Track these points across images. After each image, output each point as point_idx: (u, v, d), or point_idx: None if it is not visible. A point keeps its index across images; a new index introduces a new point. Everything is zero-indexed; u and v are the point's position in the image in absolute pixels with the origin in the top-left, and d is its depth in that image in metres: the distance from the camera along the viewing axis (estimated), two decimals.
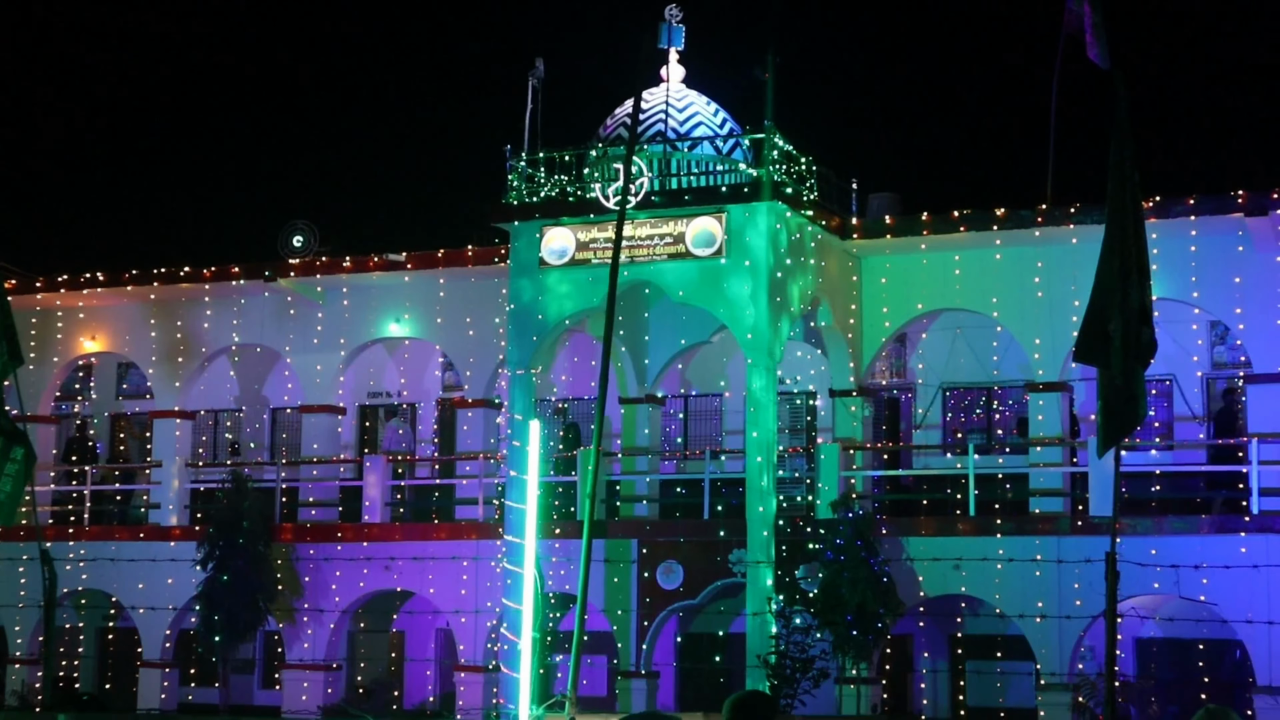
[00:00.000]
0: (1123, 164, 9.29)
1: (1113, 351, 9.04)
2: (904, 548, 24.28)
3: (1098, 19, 24.26)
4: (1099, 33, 24.16)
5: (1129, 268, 9.07)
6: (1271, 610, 22.14)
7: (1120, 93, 9.66)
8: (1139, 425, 9.34)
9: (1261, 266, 24.08)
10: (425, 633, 29.64)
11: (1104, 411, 9.16)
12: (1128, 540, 22.83)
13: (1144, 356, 9.07)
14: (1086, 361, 9.33)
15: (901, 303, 26.36)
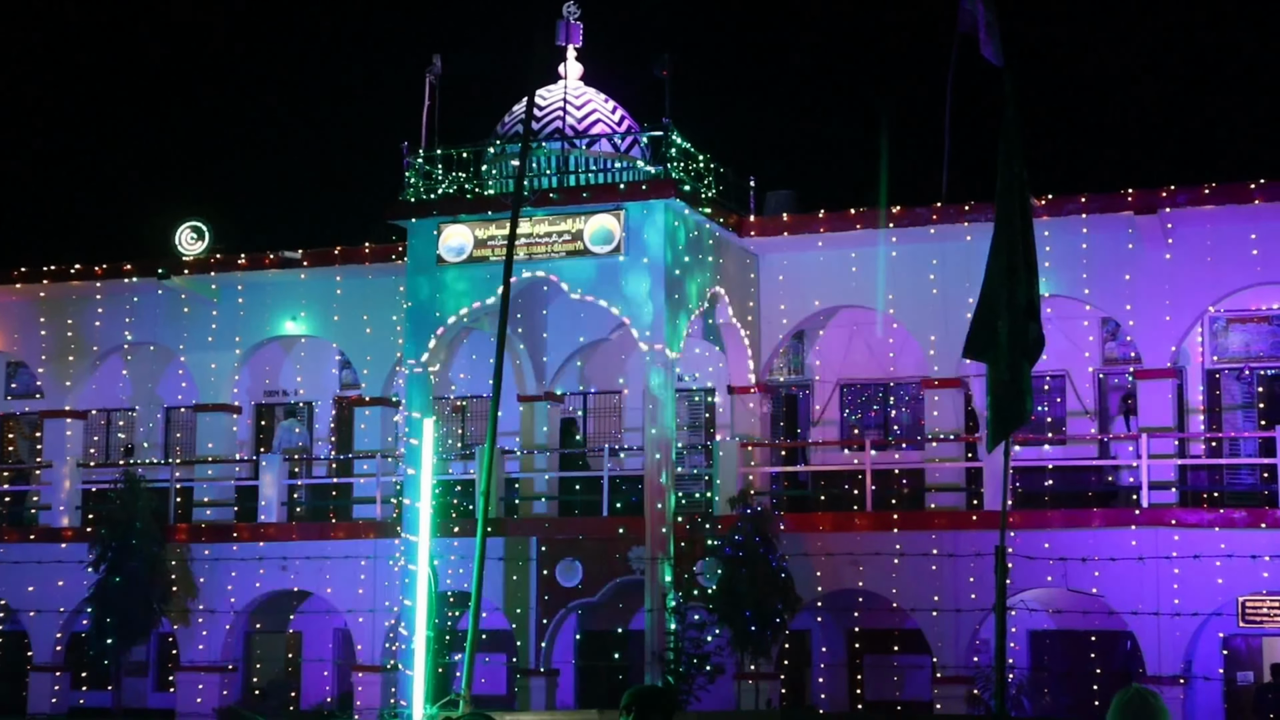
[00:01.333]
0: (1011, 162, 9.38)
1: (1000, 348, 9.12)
2: (802, 543, 24.42)
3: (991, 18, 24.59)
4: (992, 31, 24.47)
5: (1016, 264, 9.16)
6: (1160, 601, 22.51)
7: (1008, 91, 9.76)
8: (1026, 421, 9.44)
9: (1151, 264, 24.45)
10: (323, 633, 29.41)
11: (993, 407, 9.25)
12: (1021, 534, 23.13)
13: (1031, 353, 9.16)
14: (975, 358, 9.41)
15: (799, 300, 26.50)
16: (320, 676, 29.56)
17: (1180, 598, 22.57)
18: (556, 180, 25.26)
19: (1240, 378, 26.28)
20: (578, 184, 25.08)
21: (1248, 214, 23.68)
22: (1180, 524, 22.98)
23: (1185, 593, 22.62)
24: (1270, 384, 26.18)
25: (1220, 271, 24.18)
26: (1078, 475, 26.12)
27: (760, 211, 26.79)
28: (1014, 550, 22.54)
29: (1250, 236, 23.97)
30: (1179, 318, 24.33)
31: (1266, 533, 22.46)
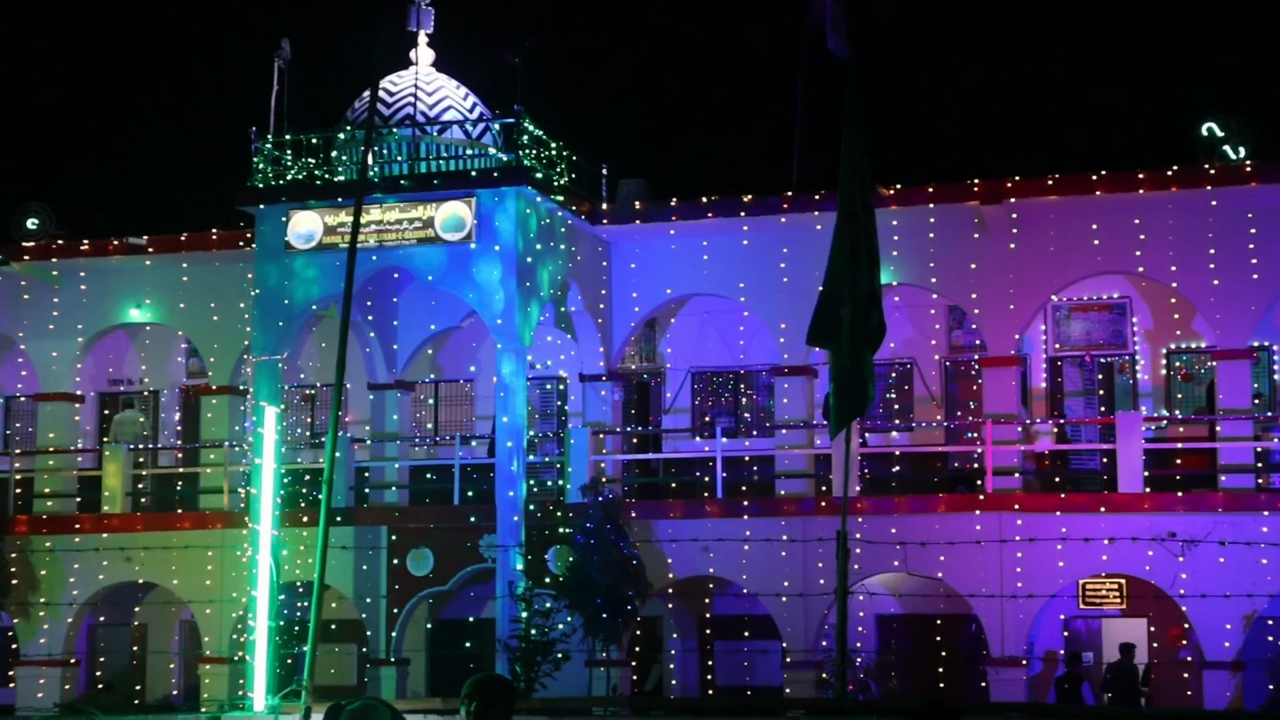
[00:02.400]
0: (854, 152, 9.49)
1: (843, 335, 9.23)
2: (653, 531, 24.52)
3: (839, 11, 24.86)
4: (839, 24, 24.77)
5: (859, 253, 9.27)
6: (1004, 584, 22.92)
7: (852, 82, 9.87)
8: (868, 407, 9.56)
9: (996, 253, 24.85)
10: (169, 625, 28.95)
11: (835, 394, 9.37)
12: (869, 520, 23.43)
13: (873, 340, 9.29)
14: (818, 345, 9.53)
15: (651, 288, 26.57)
16: (166, 669, 29.09)
17: (1023, 581, 23.00)
18: (408, 167, 25.06)
19: (1082, 365, 26.84)
20: (429, 171, 24.91)
21: (1089, 205, 24.16)
22: (1023, 508, 23.42)
23: (1028, 576, 23.06)
24: (1110, 371, 26.78)
25: (1063, 261, 24.65)
26: (925, 461, 26.52)
27: (613, 200, 26.81)
28: (862, 536, 22.85)
29: (1092, 227, 24.46)
30: (1023, 306, 24.77)
31: (1106, 516, 22.96)
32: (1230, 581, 21.89)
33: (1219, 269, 23.95)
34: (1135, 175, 23.78)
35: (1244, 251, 23.86)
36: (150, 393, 30.34)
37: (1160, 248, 24.23)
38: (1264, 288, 23.83)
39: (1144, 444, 23.76)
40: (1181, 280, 24.22)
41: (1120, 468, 23.49)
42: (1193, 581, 22.25)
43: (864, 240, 9.25)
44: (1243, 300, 23.84)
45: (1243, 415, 23.85)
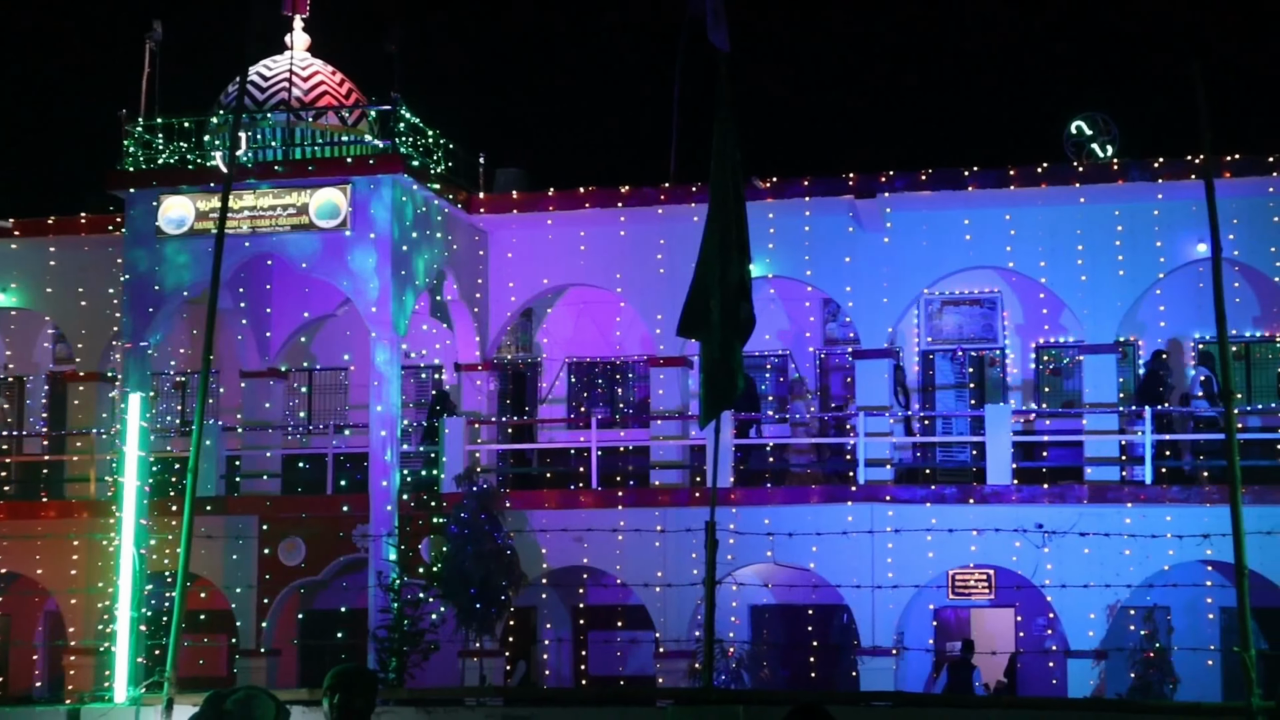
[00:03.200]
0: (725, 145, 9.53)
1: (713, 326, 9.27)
2: (528, 521, 24.49)
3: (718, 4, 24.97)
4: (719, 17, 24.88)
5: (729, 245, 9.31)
6: (875, 575, 23.15)
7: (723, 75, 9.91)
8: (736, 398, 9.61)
9: (870, 246, 25.10)
10: (33, 616, 28.43)
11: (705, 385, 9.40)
12: (742, 510, 23.57)
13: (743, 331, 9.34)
14: (688, 335, 9.56)
15: (528, 277, 26.52)
16: (30, 660, 28.56)
17: (894, 571, 23.26)
18: (281, 153, 24.79)
19: (953, 358, 27.20)
20: (303, 157, 24.67)
21: (962, 199, 24.47)
22: (894, 500, 23.69)
23: (898, 566, 23.32)
24: (981, 364, 27.16)
25: (935, 255, 24.95)
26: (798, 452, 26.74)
27: (490, 189, 26.72)
28: (735, 526, 22.97)
29: (964, 222, 24.78)
30: (896, 299, 25.04)
31: (975, 508, 23.28)
32: (1094, 572, 22.30)
33: (1086, 265, 24.36)
34: (1006, 171, 24.12)
35: (1111, 248, 24.29)
36: (15, 379, 29.76)
37: (1030, 243, 24.61)
38: (1129, 284, 24.27)
39: (1012, 436, 24.12)
40: (1050, 275, 24.61)
41: (989, 460, 23.83)
42: (1058, 572, 22.63)
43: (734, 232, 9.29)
44: (1109, 296, 24.28)
45: (1108, 409, 24.29)
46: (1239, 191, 23.43)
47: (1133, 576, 22.80)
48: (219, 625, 26.10)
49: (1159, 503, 22.84)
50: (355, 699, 7.06)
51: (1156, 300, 25.59)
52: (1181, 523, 21.82)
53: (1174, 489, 23.05)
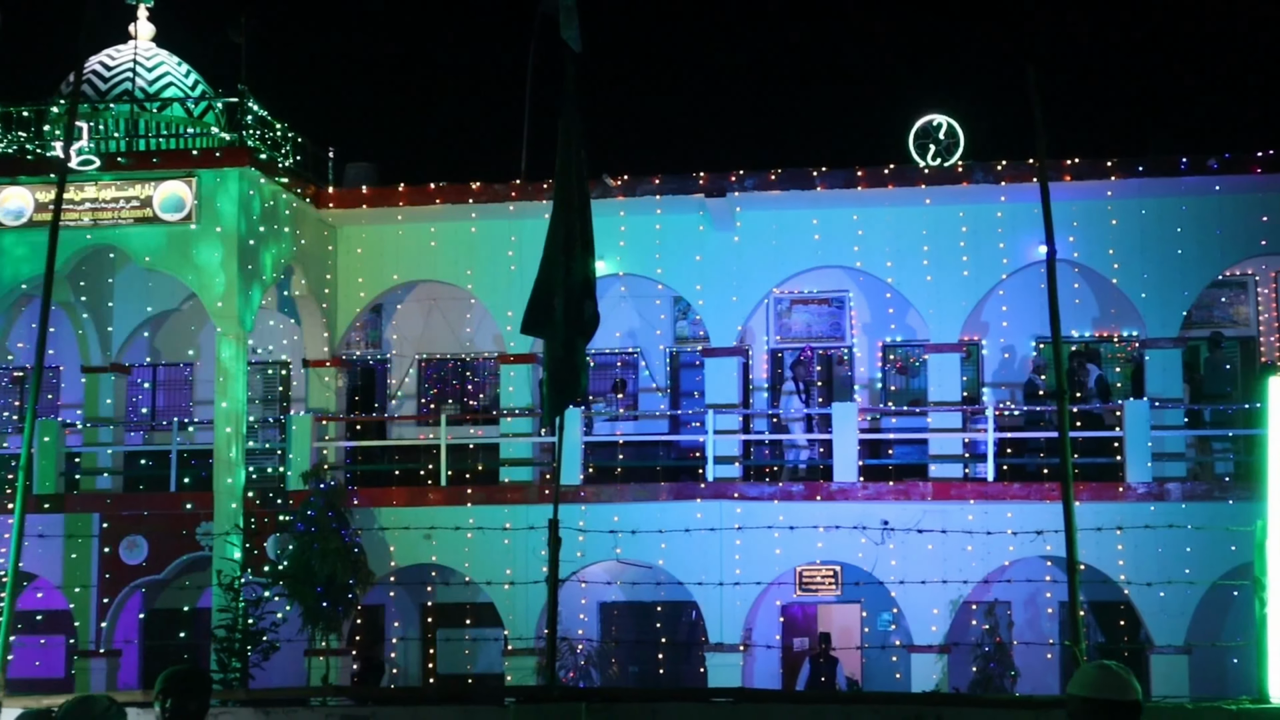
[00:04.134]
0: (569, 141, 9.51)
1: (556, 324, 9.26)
2: (376, 518, 24.30)
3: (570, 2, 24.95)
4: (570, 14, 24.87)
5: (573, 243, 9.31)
6: (723, 572, 23.29)
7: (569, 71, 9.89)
8: (580, 396, 9.61)
9: (720, 245, 25.25)
10: None
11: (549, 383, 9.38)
12: (591, 507, 23.60)
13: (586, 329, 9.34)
14: (531, 333, 9.53)
15: (377, 273, 26.29)
16: None
17: (742, 568, 23.41)
18: (125, 144, 24.33)
19: (802, 356, 27.43)
20: (148, 149, 24.24)
21: (811, 199, 24.70)
22: (743, 497, 23.85)
23: (746, 563, 23.49)
24: (829, 363, 27.46)
25: (785, 254, 25.16)
26: (649, 450, 26.81)
27: (339, 183, 26.47)
28: (584, 524, 22.99)
29: (813, 221, 25.01)
30: (745, 298, 25.22)
31: (822, 505, 23.52)
32: (938, 568, 22.65)
33: (932, 265, 24.72)
34: (854, 173, 24.39)
35: (955, 249, 24.68)
36: None
37: (877, 244, 24.91)
38: (973, 285, 24.68)
39: (859, 434, 24.41)
40: (897, 276, 24.93)
41: (836, 457, 24.10)
42: (903, 568, 22.95)
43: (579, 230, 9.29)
44: (953, 296, 24.66)
45: (952, 407, 24.68)
46: (1079, 195, 23.96)
47: (975, 572, 23.20)
48: (57, 625, 25.57)
49: (1000, 499, 23.26)
50: (188, 702, 6.96)
51: (999, 301, 26.06)
52: (1022, 519, 22.24)
53: (1015, 486, 23.49)
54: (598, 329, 9.63)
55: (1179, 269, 24.22)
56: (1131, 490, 23.12)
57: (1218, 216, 24.15)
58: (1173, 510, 22.52)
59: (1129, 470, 23.29)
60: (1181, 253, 24.20)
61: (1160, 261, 24.22)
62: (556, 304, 9.27)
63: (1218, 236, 24.19)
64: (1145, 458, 23.30)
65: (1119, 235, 24.36)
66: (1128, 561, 22.76)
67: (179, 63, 26.38)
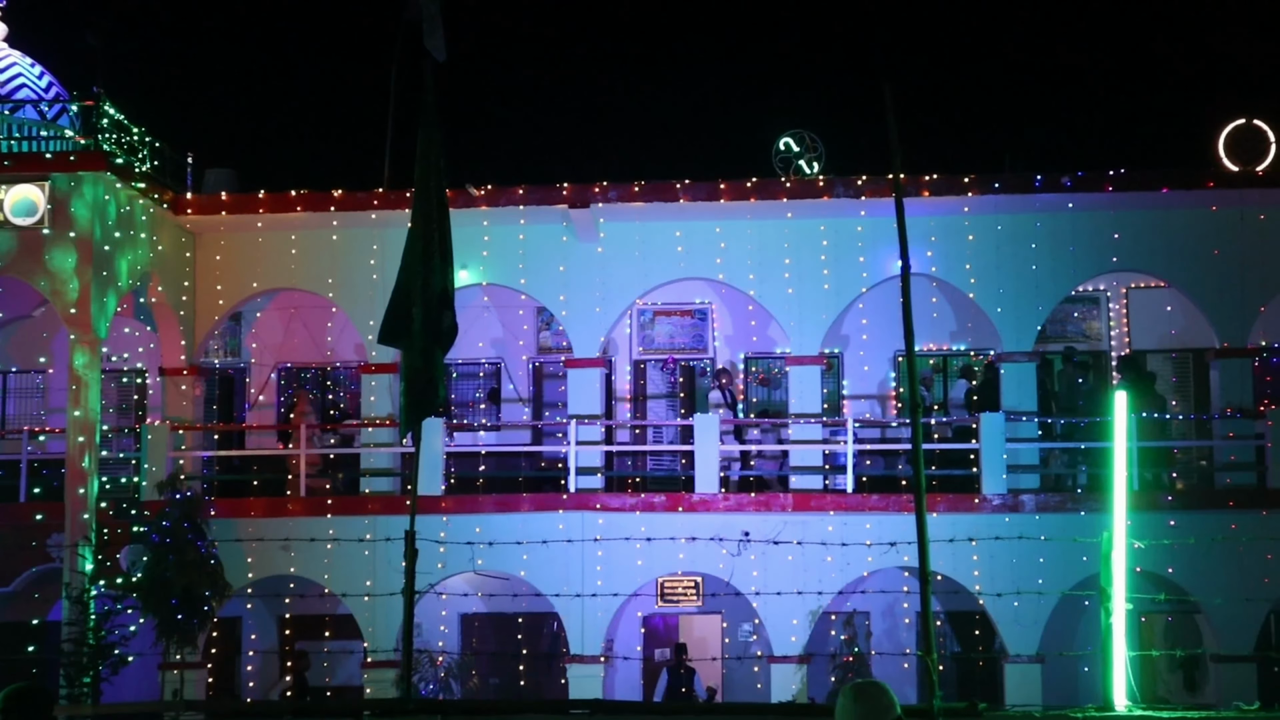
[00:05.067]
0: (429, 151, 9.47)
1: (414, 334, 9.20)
2: (234, 529, 23.96)
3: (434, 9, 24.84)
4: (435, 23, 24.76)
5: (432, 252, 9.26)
6: (584, 583, 23.30)
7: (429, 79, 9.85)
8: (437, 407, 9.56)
9: (583, 256, 25.26)
10: None
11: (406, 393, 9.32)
12: (453, 519, 23.49)
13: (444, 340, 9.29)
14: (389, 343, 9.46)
15: (237, 281, 25.95)
16: None
17: (604, 579, 23.44)
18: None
19: (664, 368, 27.55)
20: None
21: (674, 211, 24.79)
22: (605, 508, 23.88)
23: (608, 574, 23.51)
24: (691, 374, 27.58)
25: (648, 266, 25.23)
26: (511, 461, 26.75)
27: (199, 190, 26.10)
28: (445, 535, 22.89)
29: (676, 233, 25.11)
30: (608, 309, 25.25)
31: (683, 516, 23.60)
32: (798, 578, 22.83)
33: (793, 279, 24.93)
34: (717, 185, 24.53)
35: (816, 263, 24.90)
36: None
37: (739, 256, 25.07)
38: (834, 298, 24.91)
39: (720, 446, 24.53)
40: (759, 288, 25.10)
41: (697, 469, 24.20)
42: (763, 579, 23.10)
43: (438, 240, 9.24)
44: (814, 309, 24.89)
45: (812, 419, 24.90)
46: (936, 210, 24.32)
47: (834, 583, 23.43)
48: None
49: (859, 511, 23.51)
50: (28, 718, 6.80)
51: (859, 314, 26.35)
52: (881, 530, 22.50)
53: (874, 498, 23.75)
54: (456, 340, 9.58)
55: (1034, 284, 24.66)
56: (987, 502, 23.48)
57: (1071, 233, 24.63)
58: (1027, 522, 22.87)
59: (984, 482, 23.65)
60: (1036, 268, 24.64)
61: (1015, 277, 24.65)
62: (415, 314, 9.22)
63: (1071, 253, 24.66)
64: (1000, 470, 23.67)
65: (976, 250, 24.74)
66: (983, 572, 23.11)
67: (32, 64, 25.86)
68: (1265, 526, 22.33)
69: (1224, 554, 22.36)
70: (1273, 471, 23.41)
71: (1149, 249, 24.64)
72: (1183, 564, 22.83)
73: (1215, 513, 23.03)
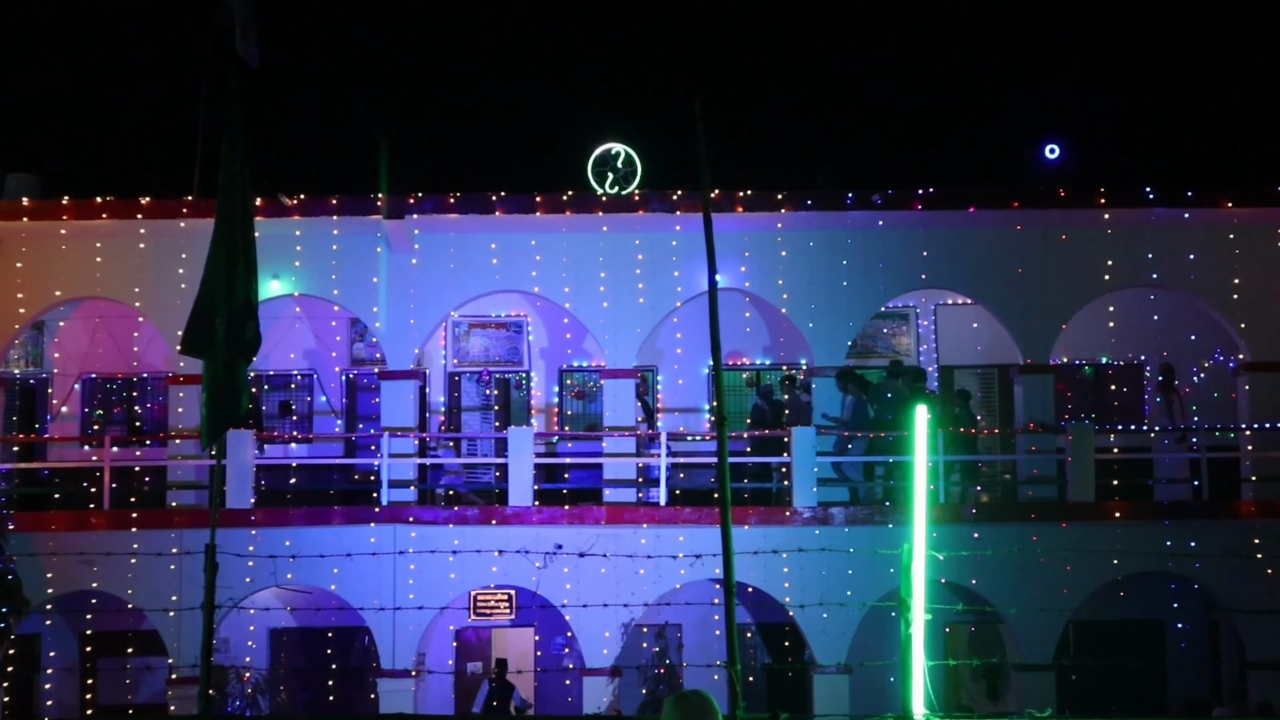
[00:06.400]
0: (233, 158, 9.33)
1: (217, 345, 9.06)
2: (33, 543, 23.32)
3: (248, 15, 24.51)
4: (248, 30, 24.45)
5: (235, 261, 9.12)
6: (396, 597, 23.11)
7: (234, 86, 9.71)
8: (240, 418, 9.42)
9: (398, 267, 25.07)
10: None
11: (208, 404, 9.17)
12: (263, 532, 23.14)
13: (247, 351, 9.16)
14: (191, 354, 9.30)
15: (39, 288, 25.26)
16: None
17: (416, 593, 23.26)
18: None
19: (479, 380, 27.46)
20: None
21: (490, 224, 24.73)
22: (418, 521, 23.69)
23: (420, 588, 23.35)
24: (505, 387, 27.53)
25: (463, 278, 25.12)
26: (323, 473, 26.44)
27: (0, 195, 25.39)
28: (254, 548, 22.58)
29: (492, 246, 25.05)
30: (423, 321, 25.08)
31: (497, 529, 23.52)
32: (611, 591, 22.88)
33: (608, 292, 25.02)
34: (533, 198, 24.52)
35: (632, 277, 25.02)
36: None
37: (555, 269, 25.09)
38: (649, 312, 25.05)
39: (535, 459, 24.50)
40: (574, 302, 25.14)
41: (511, 481, 24.14)
42: (576, 591, 23.12)
43: (241, 249, 9.10)
44: (629, 323, 25.00)
45: (626, 432, 25.00)
46: (750, 226, 24.61)
47: (646, 595, 23.54)
48: None
49: (672, 524, 23.64)
50: None
51: (674, 328, 26.55)
52: (694, 543, 22.61)
53: (686, 510, 23.90)
54: (263, 351, 9.45)
55: (844, 300, 25.05)
56: (798, 515, 23.77)
57: (881, 251, 25.08)
58: (836, 534, 23.22)
59: (795, 495, 23.93)
60: (847, 285, 25.04)
61: (827, 292, 25.02)
62: (218, 324, 9.07)
63: (881, 270, 25.10)
64: (811, 483, 23.98)
65: (788, 266, 25.07)
66: (793, 584, 23.39)
67: None
68: (1065, 538, 22.90)
69: (1025, 566, 22.90)
70: (1073, 485, 24.05)
71: (956, 267, 25.18)
72: (986, 576, 23.36)
73: (1017, 525, 23.57)
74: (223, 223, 9.26)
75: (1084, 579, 23.58)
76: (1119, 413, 27.31)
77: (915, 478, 9.64)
